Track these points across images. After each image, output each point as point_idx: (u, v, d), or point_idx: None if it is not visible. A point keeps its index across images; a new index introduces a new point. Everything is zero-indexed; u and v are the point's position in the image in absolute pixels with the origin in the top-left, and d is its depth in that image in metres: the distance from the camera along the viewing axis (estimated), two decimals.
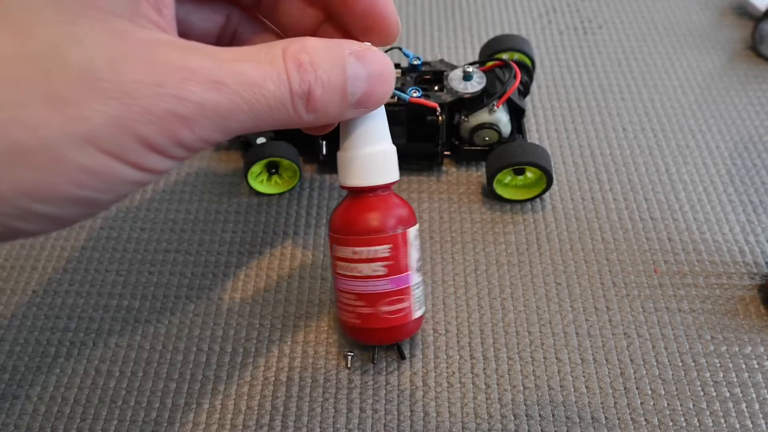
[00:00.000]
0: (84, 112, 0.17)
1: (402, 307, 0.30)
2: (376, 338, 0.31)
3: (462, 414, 0.31)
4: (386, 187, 0.29)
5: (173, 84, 0.18)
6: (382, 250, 0.29)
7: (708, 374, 0.32)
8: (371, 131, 0.28)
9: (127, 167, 0.18)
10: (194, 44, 0.20)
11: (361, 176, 0.29)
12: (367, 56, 0.23)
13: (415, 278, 0.30)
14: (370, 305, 0.29)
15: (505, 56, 0.44)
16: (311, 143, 0.41)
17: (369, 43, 0.25)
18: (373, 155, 0.28)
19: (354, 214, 0.29)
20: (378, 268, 0.29)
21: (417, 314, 0.31)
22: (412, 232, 0.30)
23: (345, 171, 0.29)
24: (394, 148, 0.29)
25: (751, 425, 0.30)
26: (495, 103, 0.39)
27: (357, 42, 0.24)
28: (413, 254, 0.30)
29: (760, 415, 0.30)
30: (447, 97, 0.39)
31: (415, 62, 0.42)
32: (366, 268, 0.29)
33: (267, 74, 0.20)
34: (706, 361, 0.32)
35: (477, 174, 0.42)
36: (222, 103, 0.19)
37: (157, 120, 0.18)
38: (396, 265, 0.29)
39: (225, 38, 0.28)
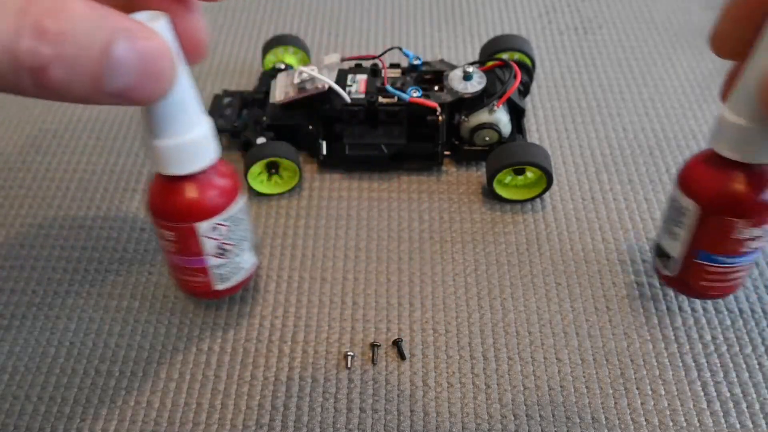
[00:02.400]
0: None
1: (198, 280, 0.31)
2: (184, 291, 0.34)
3: (462, 414, 0.31)
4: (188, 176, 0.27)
5: None
6: (167, 234, 0.29)
7: (708, 374, 0.32)
8: (170, 119, 0.24)
9: None
10: None
11: (160, 165, 0.26)
12: (142, 42, 0.18)
13: (211, 261, 0.30)
14: (170, 266, 0.31)
15: (505, 56, 0.44)
16: (311, 143, 0.42)
17: (163, 16, 0.20)
18: (172, 148, 0.25)
19: (152, 192, 0.28)
20: (168, 246, 0.30)
21: (219, 287, 0.31)
22: (204, 226, 0.28)
23: (149, 154, 0.26)
24: (203, 132, 0.25)
25: (751, 425, 0.30)
26: (495, 103, 0.39)
27: (141, 14, 0.19)
28: (207, 243, 0.29)
29: (761, 415, 0.30)
30: (447, 97, 0.39)
31: (415, 62, 0.42)
32: (160, 240, 0.30)
33: None
34: (707, 361, 0.32)
35: (477, 174, 0.42)
36: None
37: None
38: (183, 250, 0.29)
39: None
